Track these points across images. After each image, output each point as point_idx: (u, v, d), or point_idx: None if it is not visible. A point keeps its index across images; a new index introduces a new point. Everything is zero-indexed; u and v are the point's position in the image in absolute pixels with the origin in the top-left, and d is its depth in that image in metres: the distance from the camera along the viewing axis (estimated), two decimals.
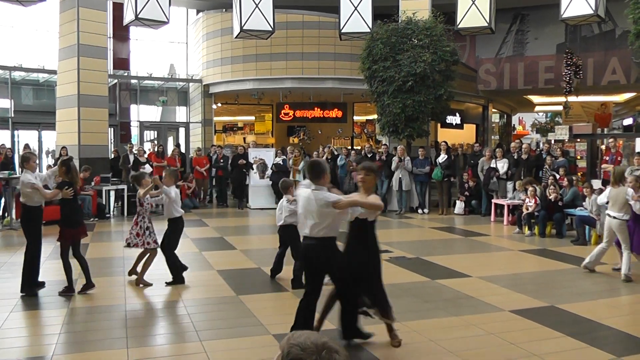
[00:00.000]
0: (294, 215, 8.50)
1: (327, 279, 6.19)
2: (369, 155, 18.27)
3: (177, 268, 8.90)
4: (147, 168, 17.28)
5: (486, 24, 18.13)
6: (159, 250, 8.97)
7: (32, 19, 23.40)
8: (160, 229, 9.24)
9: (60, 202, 8.16)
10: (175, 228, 8.98)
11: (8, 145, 19.33)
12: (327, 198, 5.72)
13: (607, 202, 9.53)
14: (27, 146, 17.34)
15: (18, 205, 12.99)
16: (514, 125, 39.83)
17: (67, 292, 8.07)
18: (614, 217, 9.22)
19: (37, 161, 9.30)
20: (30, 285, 8.13)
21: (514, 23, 26.72)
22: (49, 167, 17.24)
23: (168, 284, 8.79)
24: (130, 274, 9.08)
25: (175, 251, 8.98)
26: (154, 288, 8.63)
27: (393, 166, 17.27)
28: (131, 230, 8.94)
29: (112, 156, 19.11)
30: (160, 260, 9.04)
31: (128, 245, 8.96)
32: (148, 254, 8.92)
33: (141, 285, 8.75)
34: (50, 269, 9.86)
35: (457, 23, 18.36)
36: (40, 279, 8.42)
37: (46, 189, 8.58)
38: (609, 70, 25.07)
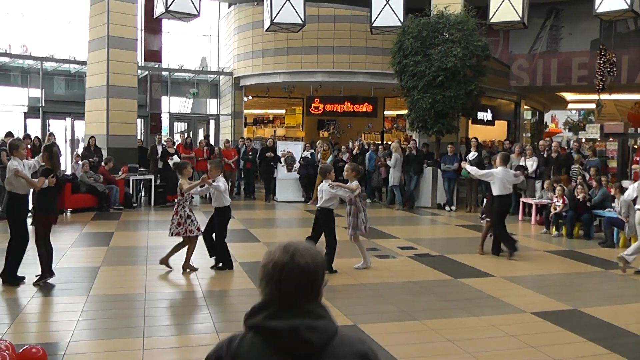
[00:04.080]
0: (333, 199, 9.04)
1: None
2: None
3: (227, 255, 9.20)
4: (175, 159, 17.35)
5: (519, 19, 17.89)
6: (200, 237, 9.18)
7: (64, 10, 23.61)
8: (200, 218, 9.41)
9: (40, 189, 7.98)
10: (223, 216, 9.17)
11: (39, 134, 19.54)
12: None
13: (636, 198, 9.46)
14: (52, 135, 17.48)
15: None
16: (546, 122, 39.38)
17: (42, 278, 7.93)
18: None
19: (26, 148, 8.95)
20: (13, 275, 7.97)
21: (548, 18, 26.33)
22: (77, 156, 17.38)
23: (216, 268, 9.15)
24: (161, 262, 9.02)
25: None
26: (175, 279, 8.67)
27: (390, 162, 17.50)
28: (172, 220, 8.98)
29: (137, 146, 19.17)
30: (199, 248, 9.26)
31: (171, 234, 9.02)
32: (189, 243, 9.01)
33: (188, 270, 8.93)
34: (75, 256, 9.98)
35: (490, 17, 18.13)
36: (65, 265, 8.44)
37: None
38: None
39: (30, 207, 8.51)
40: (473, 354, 5.78)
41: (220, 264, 9.16)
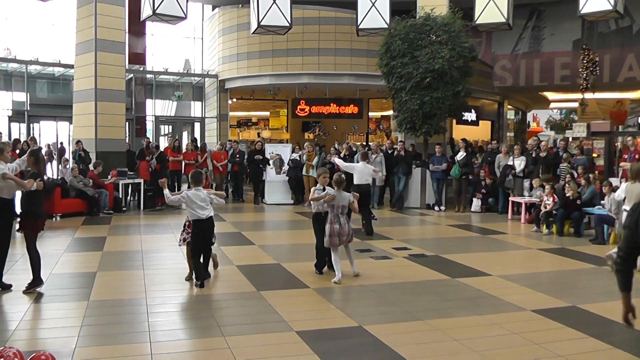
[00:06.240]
0: (313, 203, 9.08)
1: None
2: (389, 152, 18.17)
3: (198, 269, 8.45)
4: (153, 162, 17.34)
5: (504, 20, 18.07)
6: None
7: (48, 13, 23.47)
8: None
9: (25, 193, 7.85)
10: (193, 230, 8.56)
11: (25, 138, 19.40)
12: None
13: (624, 198, 9.57)
14: (33, 139, 17.40)
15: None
16: (528, 122, 39.72)
17: (34, 286, 7.82)
18: None
19: (10, 152, 8.74)
20: None
21: (530, 19, 26.58)
22: (65, 160, 17.30)
23: (187, 279, 8.72)
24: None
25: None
26: (174, 283, 8.60)
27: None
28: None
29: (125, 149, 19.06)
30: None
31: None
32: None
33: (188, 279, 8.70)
34: (70, 262, 9.94)
35: (475, 19, 18.26)
36: (61, 271, 8.34)
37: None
38: (626, 67, 24.92)
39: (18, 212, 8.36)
40: (480, 352, 5.85)
41: (199, 283, 8.41)
